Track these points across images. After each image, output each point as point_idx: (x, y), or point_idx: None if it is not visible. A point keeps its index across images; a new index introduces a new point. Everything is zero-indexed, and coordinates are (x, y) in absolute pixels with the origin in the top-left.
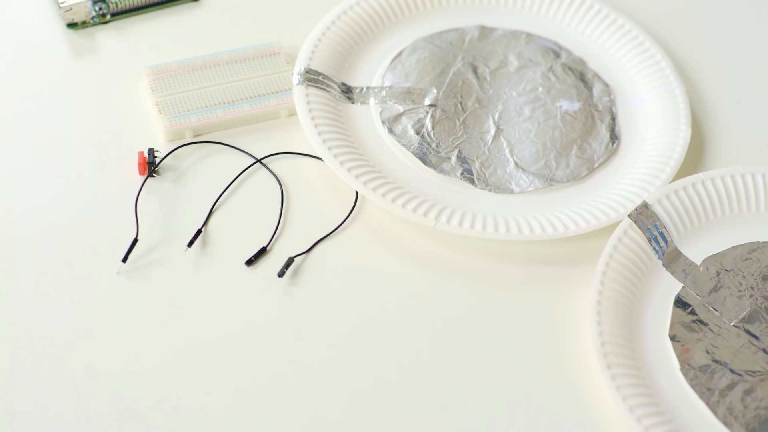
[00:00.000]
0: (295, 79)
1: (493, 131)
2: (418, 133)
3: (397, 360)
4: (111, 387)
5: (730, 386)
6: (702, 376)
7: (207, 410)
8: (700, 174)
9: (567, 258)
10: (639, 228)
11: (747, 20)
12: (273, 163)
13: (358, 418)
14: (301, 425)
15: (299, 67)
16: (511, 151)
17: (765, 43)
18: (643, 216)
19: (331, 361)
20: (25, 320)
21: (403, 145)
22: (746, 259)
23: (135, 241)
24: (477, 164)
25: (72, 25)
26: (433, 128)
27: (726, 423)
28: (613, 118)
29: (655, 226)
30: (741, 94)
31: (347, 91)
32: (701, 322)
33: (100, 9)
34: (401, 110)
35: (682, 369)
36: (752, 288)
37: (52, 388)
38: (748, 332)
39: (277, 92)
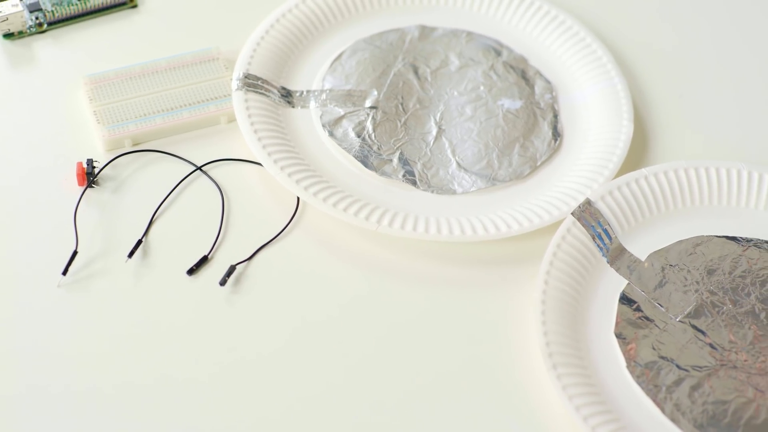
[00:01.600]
0: (234, 84)
1: (434, 132)
2: (359, 136)
3: (342, 366)
4: (52, 403)
5: (677, 382)
6: (649, 373)
7: (154, 423)
8: (643, 169)
9: (511, 258)
10: (582, 225)
11: (687, 15)
12: (213, 170)
13: (304, 424)
14: None
15: (238, 72)
16: (453, 152)
17: (705, 36)
18: (587, 213)
19: (274, 368)
20: None
21: (344, 148)
22: (691, 254)
23: (75, 253)
24: (419, 165)
25: (8, 36)
26: (374, 130)
27: (673, 419)
28: (556, 116)
29: (599, 223)
30: (683, 88)
31: (287, 96)
32: (647, 318)
33: (37, 18)
34: (342, 113)
35: (628, 366)
36: (698, 282)
37: None
38: (694, 327)
39: (216, 98)
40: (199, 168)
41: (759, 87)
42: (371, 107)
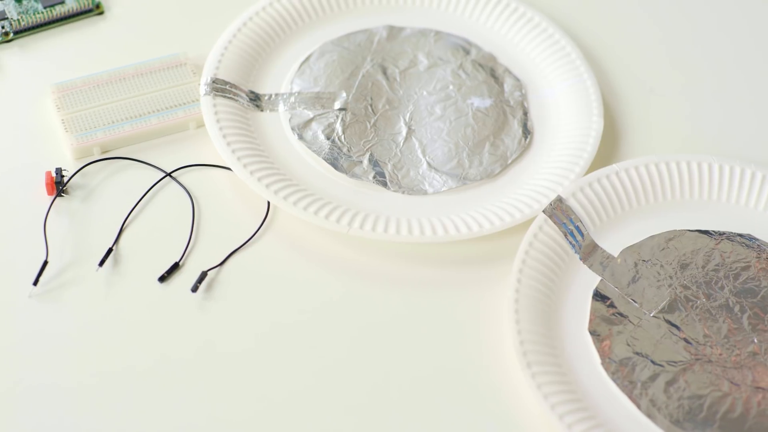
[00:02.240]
0: (202, 89)
1: (404, 132)
2: (328, 138)
3: (315, 369)
4: (24, 413)
5: (652, 378)
6: (623, 369)
7: (128, 430)
8: (614, 165)
9: (484, 257)
10: (554, 223)
11: (656, 9)
12: (183, 175)
13: (277, 428)
14: None
15: (206, 77)
16: (424, 152)
17: (675, 29)
18: (558, 210)
19: (247, 373)
20: None
21: (314, 151)
22: (663, 249)
23: (45, 263)
24: (389, 167)
25: None
26: (343, 132)
27: (649, 415)
28: (525, 113)
29: (571, 220)
30: (653, 82)
31: (255, 99)
32: (621, 314)
33: (3, 27)
34: (311, 116)
35: (603, 363)
36: (671, 277)
37: None
38: (668, 322)
39: (184, 104)
40: (169, 174)
41: (729, 80)
42: (340, 109)
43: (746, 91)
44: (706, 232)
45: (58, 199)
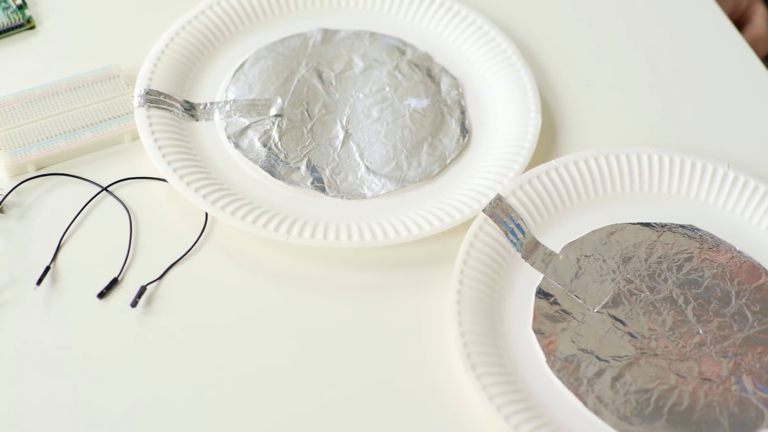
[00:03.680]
0: (136, 101)
1: (341, 136)
2: (265, 146)
3: (258, 378)
4: None
5: (598, 374)
6: (569, 367)
7: None
8: (553, 161)
9: (425, 259)
10: (495, 222)
11: (590, 3)
12: (120, 189)
13: None
14: None
15: (139, 88)
16: (362, 155)
17: (609, 21)
18: (498, 209)
19: (188, 385)
20: None
21: (250, 159)
22: (606, 243)
23: None
24: (327, 172)
25: None
26: (280, 139)
27: (596, 412)
28: (463, 112)
29: (511, 218)
30: (589, 75)
31: (190, 109)
32: (565, 311)
33: None
34: (247, 123)
35: (548, 361)
36: (614, 272)
37: None
38: (612, 317)
39: (118, 116)
40: (105, 189)
41: (665, 70)
42: (276, 115)
43: (683, 80)
44: (647, 225)
45: None
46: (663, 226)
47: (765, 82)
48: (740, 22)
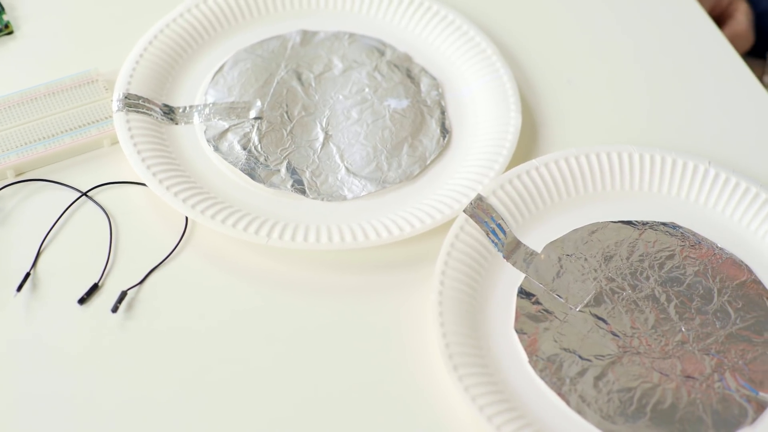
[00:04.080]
0: (115, 105)
1: (321, 138)
2: (245, 149)
3: (240, 381)
4: None
5: (581, 373)
6: (551, 366)
7: None
8: (533, 160)
9: (406, 261)
10: (476, 222)
11: (570, 2)
12: (100, 194)
13: None
14: None
15: (118, 92)
16: (342, 157)
17: (589, 19)
18: (479, 209)
19: (170, 391)
20: None
21: (230, 162)
22: (587, 242)
23: None
24: (307, 174)
25: None
26: (260, 141)
27: (579, 411)
28: (443, 112)
29: (492, 218)
30: (570, 73)
31: (169, 113)
32: (547, 311)
33: None
34: (226, 126)
35: (530, 361)
36: (595, 270)
37: None
38: (594, 316)
39: (97, 121)
40: (85, 194)
41: (646, 68)
42: (256, 118)
43: (663, 78)
44: (629, 223)
45: None
46: (644, 224)
47: (745, 78)
48: (721, 18)
